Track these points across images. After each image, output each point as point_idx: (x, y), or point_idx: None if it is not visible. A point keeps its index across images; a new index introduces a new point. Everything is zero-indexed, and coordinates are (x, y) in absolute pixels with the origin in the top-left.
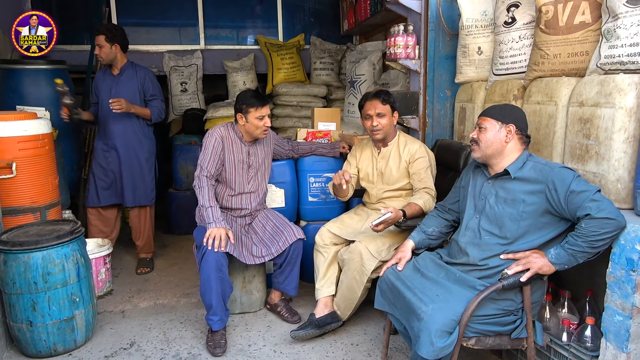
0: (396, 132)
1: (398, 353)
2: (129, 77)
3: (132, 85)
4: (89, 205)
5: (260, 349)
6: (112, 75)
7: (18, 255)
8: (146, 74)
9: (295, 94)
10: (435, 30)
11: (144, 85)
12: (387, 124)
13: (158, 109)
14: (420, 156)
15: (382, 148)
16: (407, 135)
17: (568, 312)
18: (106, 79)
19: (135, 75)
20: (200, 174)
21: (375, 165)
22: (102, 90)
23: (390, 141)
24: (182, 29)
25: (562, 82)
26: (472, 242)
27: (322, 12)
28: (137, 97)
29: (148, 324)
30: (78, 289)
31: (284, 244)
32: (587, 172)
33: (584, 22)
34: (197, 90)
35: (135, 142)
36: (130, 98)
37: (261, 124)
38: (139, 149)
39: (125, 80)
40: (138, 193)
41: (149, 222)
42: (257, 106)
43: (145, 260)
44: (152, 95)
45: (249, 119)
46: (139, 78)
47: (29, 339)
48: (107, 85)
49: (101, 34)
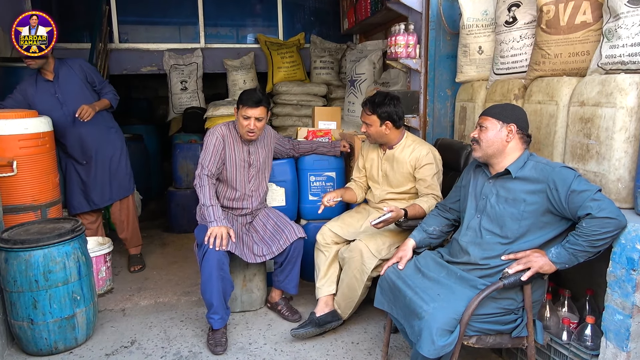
0: (402, 134)
1: (398, 352)
2: (68, 77)
3: (76, 83)
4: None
5: (261, 347)
6: (48, 81)
7: (19, 254)
8: (81, 65)
9: (295, 93)
10: (436, 29)
11: (86, 77)
12: (373, 132)
13: (112, 93)
14: (427, 162)
15: (386, 150)
16: (416, 137)
17: (568, 311)
18: (41, 88)
19: (72, 71)
20: (201, 173)
21: (380, 166)
22: (44, 102)
23: (395, 144)
24: (182, 27)
25: (563, 82)
26: (473, 241)
27: (323, 10)
28: (87, 92)
29: (149, 322)
30: (79, 287)
31: (285, 242)
32: (588, 171)
33: (585, 21)
34: (197, 89)
35: (105, 139)
36: (81, 96)
37: (245, 124)
38: (110, 144)
39: (65, 81)
40: (117, 187)
41: (132, 212)
42: (244, 105)
43: (135, 257)
44: (100, 82)
45: (238, 115)
46: (78, 72)
47: (30, 336)
48: (47, 94)
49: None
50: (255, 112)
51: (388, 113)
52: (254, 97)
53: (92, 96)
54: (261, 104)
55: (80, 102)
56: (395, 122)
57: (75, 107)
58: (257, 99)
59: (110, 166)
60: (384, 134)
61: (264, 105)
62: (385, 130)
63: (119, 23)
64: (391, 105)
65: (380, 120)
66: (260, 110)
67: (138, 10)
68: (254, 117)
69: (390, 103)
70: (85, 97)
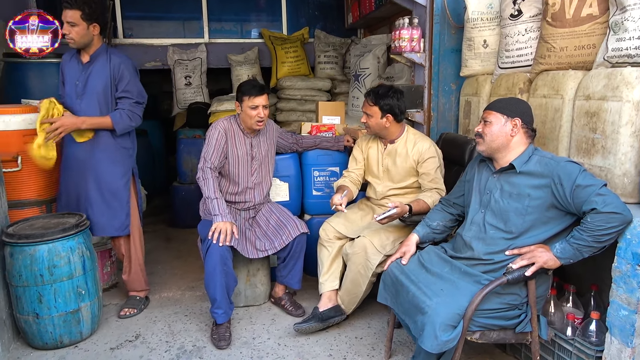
0: (403, 129)
1: (402, 347)
2: (100, 66)
3: (102, 80)
4: None
5: (265, 341)
6: (81, 63)
7: (24, 248)
8: (121, 63)
9: (299, 88)
10: (440, 23)
11: (116, 76)
12: (373, 124)
13: (126, 112)
14: (430, 156)
15: (388, 144)
16: (416, 132)
17: (573, 307)
18: (72, 68)
19: (108, 63)
20: (204, 166)
21: (381, 161)
22: (68, 84)
23: (396, 138)
24: (186, 22)
25: (569, 76)
26: (477, 236)
27: (327, 5)
28: (108, 93)
29: (153, 316)
30: (84, 282)
31: (287, 238)
32: (594, 166)
33: (592, 14)
34: (201, 84)
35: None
36: (102, 98)
37: (254, 113)
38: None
39: (96, 70)
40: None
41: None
42: (250, 95)
43: (134, 298)
44: (124, 91)
45: (243, 107)
46: (112, 67)
47: (35, 330)
48: (72, 76)
49: (76, 8)
50: (262, 100)
51: (390, 106)
52: (256, 86)
53: (112, 101)
54: (264, 91)
55: (96, 105)
56: (397, 115)
57: (89, 107)
58: (260, 87)
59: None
60: (384, 127)
61: (266, 92)
62: (385, 123)
63: (123, 18)
64: (394, 98)
65: (382, 113)
66: (265, 97)
67: (142, 6)
68: (261, 105)
69: (393, 96)
70: (106, 102)
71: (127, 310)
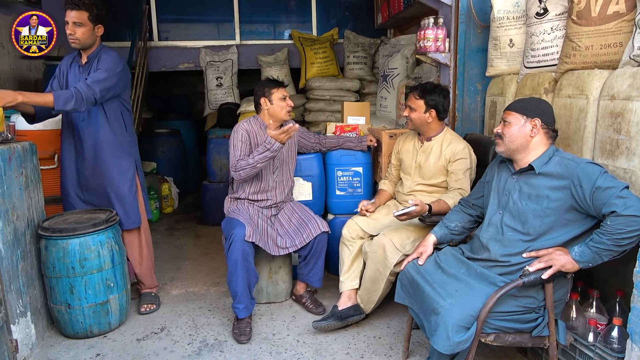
0: (442, 128)
1: (420, 347)
2: (95, 67)
3: None
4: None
5: (284, 338)
6: (80, 65)
7: (57, 241)
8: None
9: (328, 88)
10: (466, 22)
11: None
12: (415, 117)
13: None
14: (461, 157)
15: (425, 142)
16: (455, 133)
17: (596, 312)
18: (73, 70)
19: (97, 63)
20: (236, 162)
21: (415, 158)
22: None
23: (434, 136)
24: (219, 24)
25: (594, 75)
26: (494, 237)
27: (356, 5)
28: None
29: (178, 310)
30: (112, 275)
31: (308, 236)
32: (617, 167)
33: (618, 12)
34: (232, 85)
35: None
36: None
37: (284, 103)
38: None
39: (92, 71)
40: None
41: (145, 248)
42: (278, 87)
43: (149, 295)
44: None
45: (273, 100)
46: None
47: (67, 320)
48: (73, 79)
49: (84, 9)
50: (287, 91)
51: (435, 102)
52: (277, 80)
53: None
54: (283, 83)
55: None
56: (440, 112)
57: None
58: (280, 80)
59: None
60: (425, 122)
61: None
62: (428, 118)
63: (158, 21)
64: (440, 95)
65: (427, 107)
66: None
67: (176, 9)
68: (288, 96)
69: (440, 93)
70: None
71: (147, 306)
